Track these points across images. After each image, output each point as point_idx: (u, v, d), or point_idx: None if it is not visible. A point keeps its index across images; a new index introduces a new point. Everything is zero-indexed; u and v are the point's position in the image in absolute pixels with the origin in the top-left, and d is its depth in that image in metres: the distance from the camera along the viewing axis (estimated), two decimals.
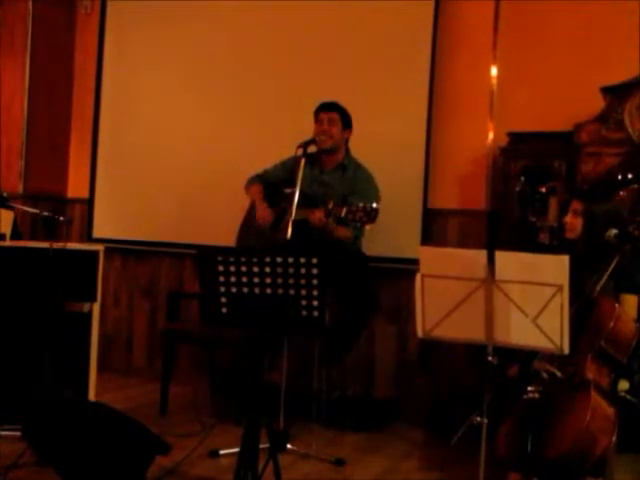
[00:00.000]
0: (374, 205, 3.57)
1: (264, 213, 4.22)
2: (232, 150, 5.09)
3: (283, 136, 4.45)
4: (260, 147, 4.89)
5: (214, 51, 5.21)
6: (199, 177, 5.19)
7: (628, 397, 3.27)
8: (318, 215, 3.81)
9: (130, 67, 5.49)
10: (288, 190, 3.85)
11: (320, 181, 4.25)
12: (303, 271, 2.68)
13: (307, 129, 4.19)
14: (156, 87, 5.40)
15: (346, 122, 4.26)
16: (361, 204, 3.60)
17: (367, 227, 3.70)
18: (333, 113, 4.22)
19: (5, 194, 4.22)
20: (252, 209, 4.37)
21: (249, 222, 4.37)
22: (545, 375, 3.05)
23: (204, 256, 2.80)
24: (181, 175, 5.26)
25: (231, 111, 5.14)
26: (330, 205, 3.75)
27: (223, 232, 4.61)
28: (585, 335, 3.10)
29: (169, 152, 5.32)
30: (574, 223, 3.42)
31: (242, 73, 5.10)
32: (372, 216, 3.57)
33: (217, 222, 4.99)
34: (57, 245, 3.77)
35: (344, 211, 3.63)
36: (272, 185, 4.32)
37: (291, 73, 4.97)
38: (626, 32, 4.21)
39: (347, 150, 4.33)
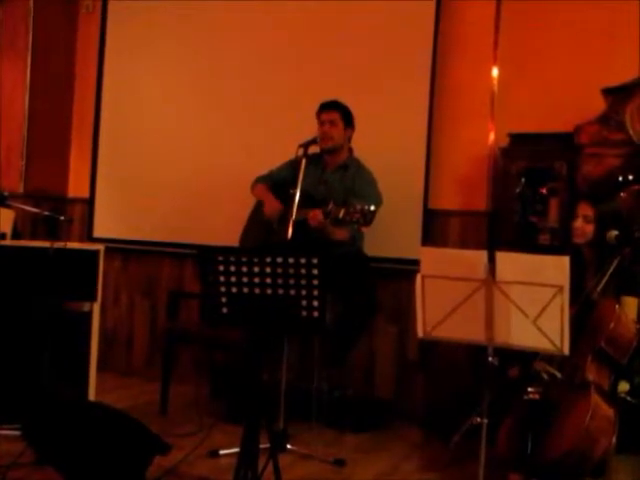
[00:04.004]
0: (372, 207, 3.57)
1: (273, 204, 4.19)
2: (234, 150, 5.09)
3: (284, 136, 4.46)
4: (261, 147, 4.89)
5: (216, 50, 5.21)
6: (200, 177, 5.19)
7: (628, 398, 3.27)
8: (317, 215, 3.81)
9: (131, 66, 5.49)
10: (293, 191, 3.85)
11: (322, 181, 4.25)
12: (303, 271, 2.68)
13: (309, 129, 4.19)
14: (157, 86, 5.40)
15: (348, 121, 4.26)
16: (359, 205, 3.60)
17: (363, 229, 3.70)
18: (334, 113, 4.22)
19: (6, 193, 4.22)
20: (257, 209, 4.37)
21: (253, 223, 4.37)
22: (545, 376, 3.05)
23: (205, 256, 2.81)
24: (182, 175, 5.26)
25: (233, 111, 5.13)
26: (329, 206, 3.75)
27: (224, 232, 4.61)
28: (585, 336, 3.10)
29: (170, 152, 5.32)
30: (585, 229, 3.37)
31: (244, 73, 5.10)
32: (368, 218, 3.57)
33: (218, 222, 4.99)
34: (57, 244, 3.78)
35: (342, 212, 3.64)
36: (279, 186, 4.31)
37: (292, 72, 4.96)
38: (628, 33, 4.20)
39: (350, 150, 4.32)
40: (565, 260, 2.51)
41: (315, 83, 4.84)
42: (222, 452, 3.67)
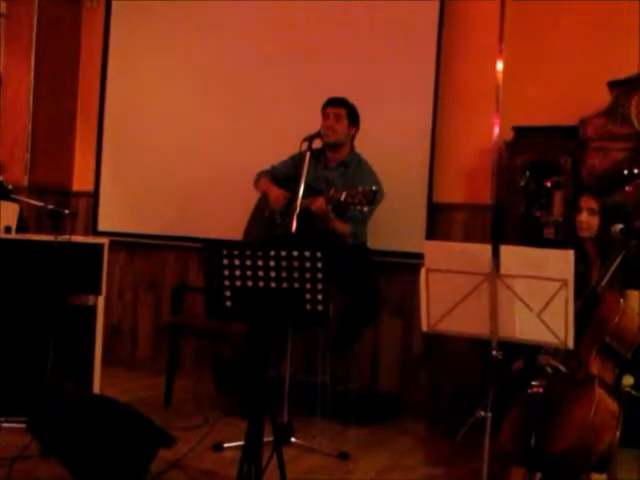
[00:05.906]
0: (373, 187, 3.60)
1: (278, 194, 4.19)
2: (237, 144, 5.09)
3: (288, 130, 4.45)
4: (265, 141, 4.89)
5: (219, 45, 5.20)
6: (204, 171, 5.19)
7: (632, 392, 3.26)
8: (319, 202, 3.82)
9: (135, 61, 5.49)
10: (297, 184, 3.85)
11: (322, 178, 4.24)
12: (308, 265, 2.68)
13: (312, 123, 4.18)
14: (161, 81, 5.40)
15: (353, 119, 4.25)
16: (360, 187, 3.65)
17: (366, 209, 3.69)
18: (340, 109, 4.22)
19: (10, 186, 4.22)
20: (260, 203, 4.37)
21: (257, 217, 4.37)
22: (549, 370, 3.05)
23: (209, 249, 2.81)
24: (186, 169, 5.26)
25: (237, 105, 5.13)
26: (331, 192, 3.77)
27: (228, 226, 4.62)
28: (590, 330, 3.09)
29: (174, 145, 5.32)
30: (590, 222, 3.33)
31: (247, 67, 5.09)
32: (370, 198, 3.59)
33: (222, 216, 4.99)
34: (62, 238, 3.78)
35: (344, 195, 3.67)
36: (280, 181, 4.31)
37: (297, 69, 4.95)
38: (633, 26, 4.18)
39: (352, 147, 4.32)
40: (570, 254, 2.50)
41: (319, 78, 4.83)
42: (226, 445, 3.68)
